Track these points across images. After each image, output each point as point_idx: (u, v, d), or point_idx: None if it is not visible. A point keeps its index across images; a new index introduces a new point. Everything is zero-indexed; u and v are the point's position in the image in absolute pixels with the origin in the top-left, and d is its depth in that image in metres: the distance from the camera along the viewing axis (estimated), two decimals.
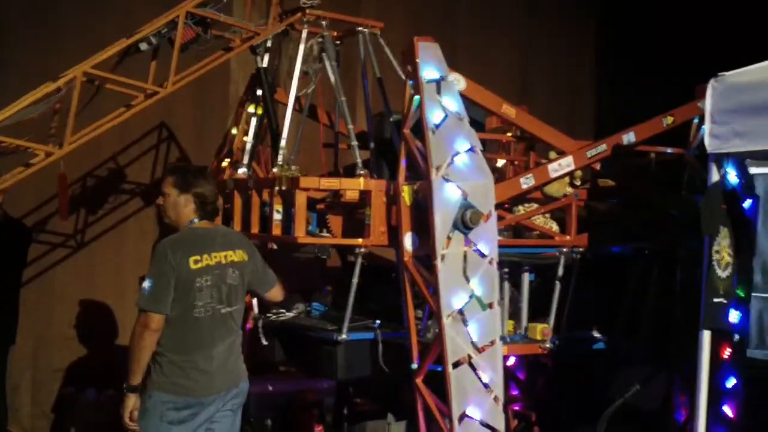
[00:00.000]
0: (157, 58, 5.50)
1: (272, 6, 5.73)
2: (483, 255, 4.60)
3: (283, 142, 5.35)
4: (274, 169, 5.20)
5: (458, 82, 4.90)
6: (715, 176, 4.99)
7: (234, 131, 6.16)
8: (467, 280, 4.56)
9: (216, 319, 4.42)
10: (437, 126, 4.64)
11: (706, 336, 4.92)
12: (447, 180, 4.56)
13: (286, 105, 5.68)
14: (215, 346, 4.41)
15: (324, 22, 5.54)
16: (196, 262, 4.35)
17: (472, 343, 4.54)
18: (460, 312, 4.53)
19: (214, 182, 4.61)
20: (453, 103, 4.73)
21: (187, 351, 4.34)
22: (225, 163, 6.15)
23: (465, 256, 4.56)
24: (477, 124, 5.16)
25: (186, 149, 8.09)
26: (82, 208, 7.57)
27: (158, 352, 4.33)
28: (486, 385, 4.54)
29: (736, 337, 5.49)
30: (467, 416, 4.49)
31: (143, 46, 5.30)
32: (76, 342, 7.50)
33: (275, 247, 5.31)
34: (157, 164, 8.01)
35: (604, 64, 10.39)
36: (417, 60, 4.72)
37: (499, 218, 5.08)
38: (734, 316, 5.29)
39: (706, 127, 4.89)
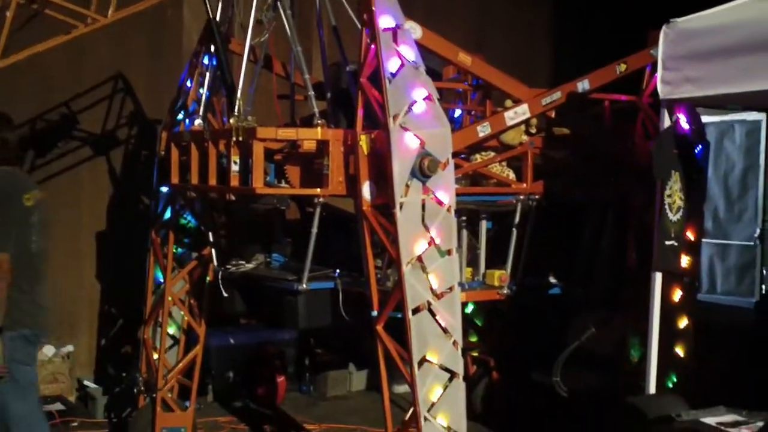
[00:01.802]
0: None
1: None
2: (441, 203, 4.64)
3: (239, 93, 5.30)
4: (231, 120, 5.16)
5: (414, 30, 4.89)
6: (667, 122, 5.08)
7: (188, 83, 6.09)
8: (426, 227, 4.59)
9: (42, 255, 4.94)
10: (394, 75, 4.64)
11: (658, 278, 5.04)
12: (405, 129, 4.57)
13: (240, 55, 5.64)
14: (46, 281, 5.00)
15: None
16: (27, 200, 4.79)
17: (431, 289, 4.59)
18: (420, 259, 4.57)
19: (15, 128, 5.10)
20: (410, 52, 4.72)
21: (30, 286, 4.84)
22: (180, 116, 6.10)
23: (423, 205, 4.59)
24: (433, 74, 5.17)
25: (141, 101, 8.02)
26: (30, 150, 7.48)
27: (11, 290, 4.69)
28: (445, 330, 4.61)
29: (687, 279, 5.65)
30: (427, 360, 4.55)
31: None
32: None
33: (234, 198, 5.30)
34: (110, 114, 7.94)
35: (560, 16, 10.44)
36: (373, 8, 4.70)
37: (456, 167, 5.12)
38: (685, 259, 5.42)
39: (659, 74, 4.96)
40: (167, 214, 6.20)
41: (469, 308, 7.03)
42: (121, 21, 7.71)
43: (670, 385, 5.30)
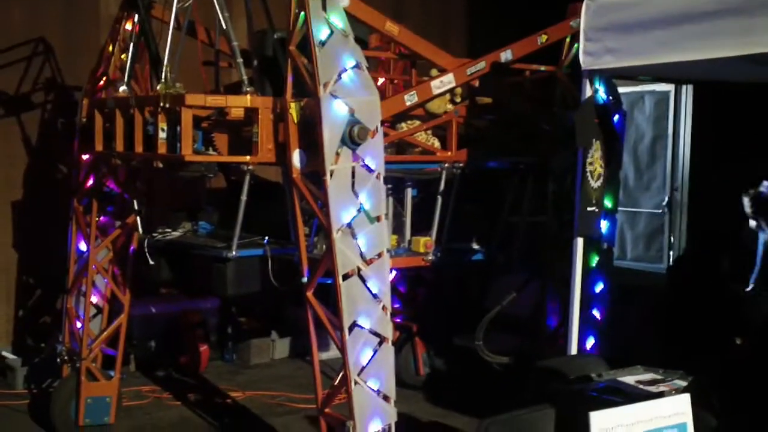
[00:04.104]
0: None
1: None
2: (370, 170, 4.70)
3: (166, 60, 5.24)
4: (158, 87, 5.11)
5: None
6: (588, 92, 5.22)
7: (110, 49, 5.99)
8: (356, 194, 4.65)
9: None
10: (323, 43, 4.66)
11: (580, 243, 5.21)
12: (334, 96, 4.60)
13: (162, 21, 5.57)
14: None
15: None
16: None
17: (361, 255, 4.66)
18: (349, 225, 4.63)
19: None
20: (339, 20, 4.75)
21: None
22: (102, 82, 6.00)
23: (353, 172, 4.65)
24: (360, 42, 5.20)
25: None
26: None
27: None
28: (375, 296, 4.68)
29: (605, 245, 5.86)
30: (358, 326, 4.63)
31: None
32: None
33: (161, 166, 5.26)
34: (25, 78, 7.74)
35: None
36: None
37: (383, 135, 5.18)
38: (603, 225, 5.62)
39: (581, 45, 5.09)
40: (89, 182, 6.10)
41: (392, 275, 7.12)
42: None
43: (589, 347, 5.51)
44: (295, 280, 4.95)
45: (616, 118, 5.74)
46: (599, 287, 5.80)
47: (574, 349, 5.21)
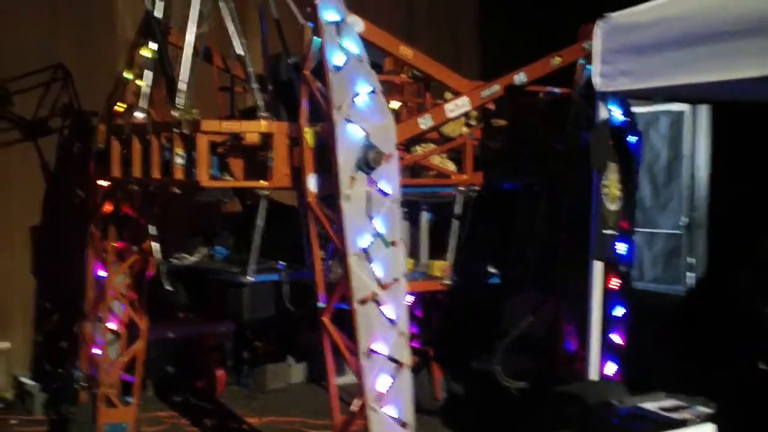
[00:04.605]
0: None
1: None
2: (385, 194, 4.69)
3: (183, 86, 5.27)
4: (175, 113, 5.13)
5: (356, 24, 4.92)
6: (603, 113, 5.21)
7: (127, 75, 6.02)
8: (370, 219, 4.64)
9: None
10: (338, 68, 4.67)
11: (598, 267, 5.16)
12: (349, 121, 4.60)
13: (178, 47, 5.60)
14: None
15: None
16: None
17: (377, 280, 4.63)
18: (365, 250, 4.62)
19: None
20: (353, 45, 4.76)
21: None
22: (118, 107, 6.03)
23: (368, 196, 4.64)
24: (375, 66, 5.21)
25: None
26: None
27: None
28: (391, 321, 4.65)
29: (623, 268, 5.81)
30: (374, 351, 4.60)
31: None
32: None
33: (177, 191, 5.27)
34: (43, 104, 7.79)
35: (486, 7, 10.58)
36: (316, 2, 4.72)
37: (398, 158, 5.17)
38: (622, 247, 5.57)
39: (595, 67, 5.09)
40: (106, 207, 6.12)
41: (409, 299, 7.09)
42: (52, 10, 7.65)
43: (611, 373, 5.44)
44: (311, 305, 4.93)
45: (632, 139, 5.71)
46: (619, 311, 5.75)
47: (594, 374, 5.15)
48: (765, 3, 4.12)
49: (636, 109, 5.89)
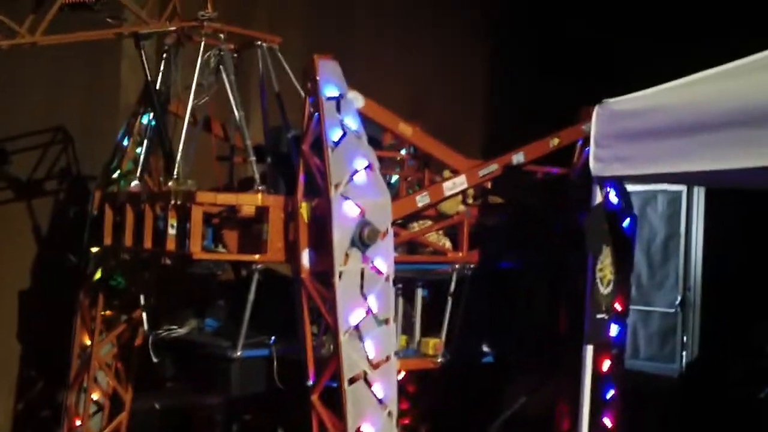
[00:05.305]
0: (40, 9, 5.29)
1: (170, 5, 5.61)
2: (380, 272, 4.67)
3: (178, 156, 5.27)
4: (170, 183, 5.12)
5: (357, 100, 4.95)
6: (598, 197, 5.20)
7: (125, 142, 6.03)
8: (364, 296, 4.61)
9: None
10: (336, 144, 4.69)
11: (589, 350, 5.10)
12: (345, 197, 4.60)
13: (178, 117, 5.62)
14: None
15: (222, 35, 5.49)
16: None
17: (368, 359, 4.59)
18: (357, 328, 4.57)
19: None
20: (352, 122, 4.78)
21: None
22: (115, 175, 6.02)
23: (362, 273, 4.61)
24: (373, 140, 5.23)
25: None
26: None
27: None
28: (381, 401, 4.60)
29: (615, 350, 5.76)
30: None
31: None
32: None
33: (169, 262, 5.23)
34: (40, 165, 7.77)
35: (495, 73, 10.66)
36: (317, 78, 4.76)
37: (394, 235, 5.15)
38: (613, 329, 5.53)
39: (591, 152, 5.09)
40: (97, 275, 6.07)
41: (401, 375, 7.00)
42: (57, 72, 7.67)
43: None
44: (301, 382, 4.86)
45: (626, 222, 5.70)
46: (610, 393, 5.68)
47: None
48: (756, 96, 4.14)
49: (634, 188, 5.90)
